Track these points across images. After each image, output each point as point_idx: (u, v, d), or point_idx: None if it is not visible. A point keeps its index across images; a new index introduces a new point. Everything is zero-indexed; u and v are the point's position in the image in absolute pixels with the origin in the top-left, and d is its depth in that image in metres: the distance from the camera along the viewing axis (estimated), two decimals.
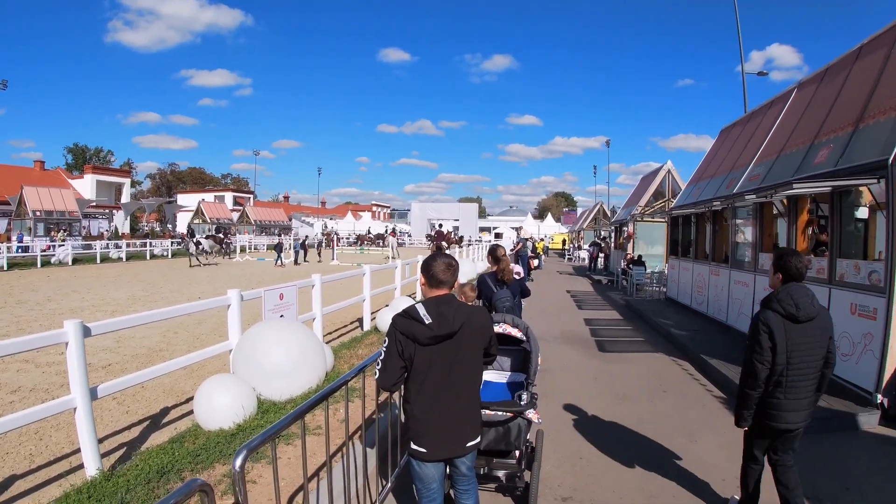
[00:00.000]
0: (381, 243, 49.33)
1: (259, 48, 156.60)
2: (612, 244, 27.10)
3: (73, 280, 20.09)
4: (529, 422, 3.59)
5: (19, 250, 28.78)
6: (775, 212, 8.43)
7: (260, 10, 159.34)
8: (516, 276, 6.23)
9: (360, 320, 10.26)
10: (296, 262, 29.27)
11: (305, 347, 5.78)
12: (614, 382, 7.18)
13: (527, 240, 27.55)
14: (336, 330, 10.16)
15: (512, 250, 23.72)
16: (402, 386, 2.79)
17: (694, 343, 8.95)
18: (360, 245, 50.01)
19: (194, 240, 30.08)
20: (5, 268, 24.38)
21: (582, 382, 7.13)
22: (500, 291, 5.88)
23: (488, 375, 4.24)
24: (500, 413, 3.47)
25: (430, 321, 2.63)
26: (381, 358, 2.73)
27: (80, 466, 4.01)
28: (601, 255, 27.51)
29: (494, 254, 6.16)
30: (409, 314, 2.68)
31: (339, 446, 4.16)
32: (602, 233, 35.43)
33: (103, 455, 4.38)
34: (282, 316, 6.78)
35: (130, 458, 4.33)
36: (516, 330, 4.04)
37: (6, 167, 48.50)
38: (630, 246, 21.29)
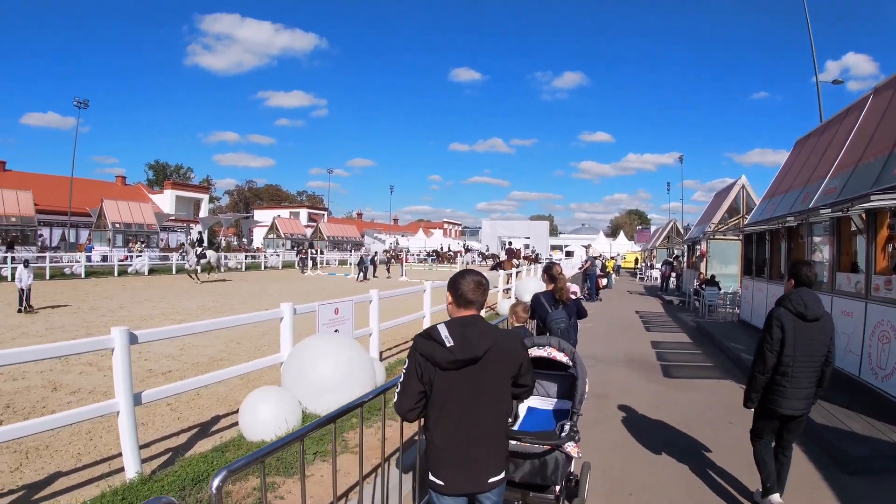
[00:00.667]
0: (454, 260, 49.79)
1: (334, 70, 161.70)
2: (685, 263, 25.94)
3: (147, 289, 21.09)
4: (569, 456, 3.32)
5: (89, 259, 29.90)
6: (853, 228, 7.70)
7: (334, 34, 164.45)
8: (573, 296, 5.96)
9: None
10: (365, 277, 29.76)
11: (353, 363, 5.71)
12: (677, 410, 6.69)
13: (595, 258, 26.83)
14: (396, 346, 10.11)
15: (580, 269, 23.14)
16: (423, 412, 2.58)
17: None
18: (431, 262, 50.45)
19: (197, 250, 25.14)
20: (83, 276, 25.98)
21: (642, 409, 6.69)
22: (555, 312, 5.62)
23: (533, 402, 4.00)
24: (536, 444, 3.23)
25: (452, 344, 2.41)
26: (401, 381, 2.53)
27: (122, 469, 4.10)
28: (673, 274, 26.35)
29: (550, 272, 5.93)
30: (429, 335, 2.48)
31: (370, 470, 4.04)
32: (674, 251, 34.04)
33: (148, 459, 4.50)
34: (336, 331, 6.79)
35: (173, 463, 4.41)
36: (562, 354, 3.79)
37: (89, 181, 52.38)
38: (703, 265, 20.26)
